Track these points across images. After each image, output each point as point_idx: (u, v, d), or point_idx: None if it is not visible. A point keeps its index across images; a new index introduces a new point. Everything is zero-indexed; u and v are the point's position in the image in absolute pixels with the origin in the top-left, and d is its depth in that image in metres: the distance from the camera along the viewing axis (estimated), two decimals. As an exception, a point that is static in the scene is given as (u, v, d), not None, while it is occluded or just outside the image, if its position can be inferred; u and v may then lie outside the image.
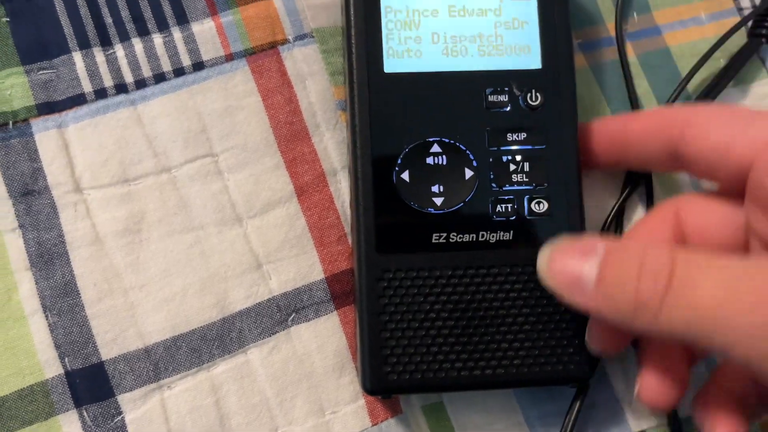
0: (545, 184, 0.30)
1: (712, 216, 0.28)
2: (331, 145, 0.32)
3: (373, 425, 0.30)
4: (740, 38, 0.35)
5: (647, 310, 0.23)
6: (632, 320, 0.23)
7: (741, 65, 0.35)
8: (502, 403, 0.31)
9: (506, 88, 0.30)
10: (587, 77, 0.34)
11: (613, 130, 0.30)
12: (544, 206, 0.29)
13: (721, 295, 0.22)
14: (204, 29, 0.32)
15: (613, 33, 0.35)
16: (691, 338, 0.22)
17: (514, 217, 0.29)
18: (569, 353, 0.29)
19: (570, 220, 0.30)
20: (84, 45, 0.32)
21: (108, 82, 0.31)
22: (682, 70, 0.35)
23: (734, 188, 0.26)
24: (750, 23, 0.35)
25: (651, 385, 0.27)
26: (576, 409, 0.30)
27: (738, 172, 0.26)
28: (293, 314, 0.31)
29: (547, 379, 0.29)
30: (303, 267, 0.31)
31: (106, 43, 0.32)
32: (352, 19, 0.30)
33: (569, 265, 0.25)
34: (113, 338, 0.30)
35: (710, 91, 0.34)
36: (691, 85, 0.34)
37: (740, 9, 0.36)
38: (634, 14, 0.35)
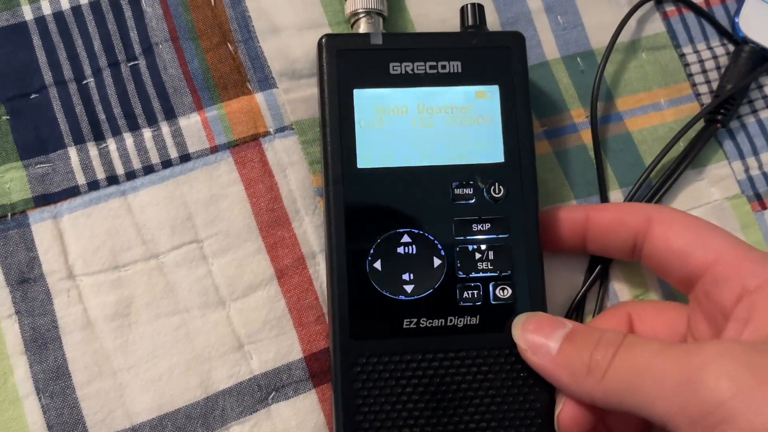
0: (509, 271, 0.31)
1: (658, 322, 0.31)
2: (310, 230, 0.34)
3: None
4: (698, 123, 0.37)
5: (596, 371, 0.27)
6: (582, 381, 0.28)
7: (699, 149, 0.37)
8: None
9: (471, 182, 0.32)
10: (551, 162, 0.36)
11: (576, 219, 0.33)
12: (509, 292, 0.31)
13: (655, 354, 0.26)
14: (190, 123, 0.35)
15: (576, 120, 0.37)
16: (629, 398, 0.26)
17: (480, 303, 0.31)
18: (533, 428, 0.31)
19: (533, 305, 0.31)
20: (79, 140, 0.34)
21: (100, 174, 0.34)
22: (644, 154, 0.37)
23: (680, 287, 0.29)
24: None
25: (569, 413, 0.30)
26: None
27: (689, 277, 0.29)
28: (273, 392, 0.33)
29: (514, 455, 0.31)
30: (283, 347, 0.33)
31: (99, 137, 0.34)
32: (327, 118, 0.32)
33: (540, 334, 0.29)
34: (102, 419, 0.31)
35: (671, 175, 0.36)
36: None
37: (698, 95, 0.38)
38: (597, 102, 0.37)
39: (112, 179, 0.34)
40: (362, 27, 0.34)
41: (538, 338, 0.29)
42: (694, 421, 0.24)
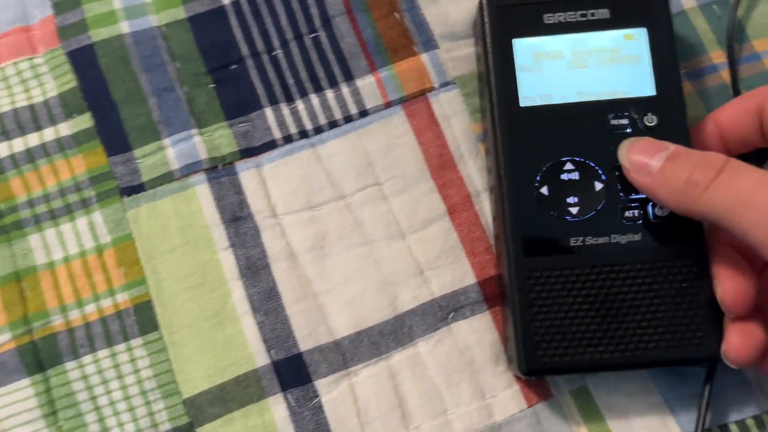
0: (666, 192, 0.34)
1: None
2: (474, 172, 0.38)
3: (528, 407, 0.35)
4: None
5: (695, 188, 0.29)
6: (680, 197, 0.30)
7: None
8: (641, 387, 0.35)
9: (626, 113, 0.35)
10: (694, 101, 0.39)
11: (709, 129, 0.35)
12: (666, 210, 0.34)
13: (757, 186, 0.28)
14: (366, 83, 0.39)
15: (715, 61, 0.40)
16: (726, 218, 0.29)
17: (640, 221, 0.34)
18: (697, 336, 0.33)
19: (689, 221, 0.34)
20: (273, 102, 0.39)
21: (293, 129, 0.39)
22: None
23: None
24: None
25: (735, 343, 0.31)
26: (708, 389, 0.34)
27: None
28: (452, 312, 0.37)
29: (678, 359, 0.33)
30: (458, 273, 0.37)
31: (289, 99, 0.39)
32: (490, 65, 0.36)
33: (643, 155, 0.32)
34: (309, 333, 0.36)
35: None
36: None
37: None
38: (735, 44, 0.40)
39: (303, 134, 0.39)
40: (516, -13, 0.38)
41: (641, 158, 0.32)
42: None
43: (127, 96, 0.39)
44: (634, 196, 0.34)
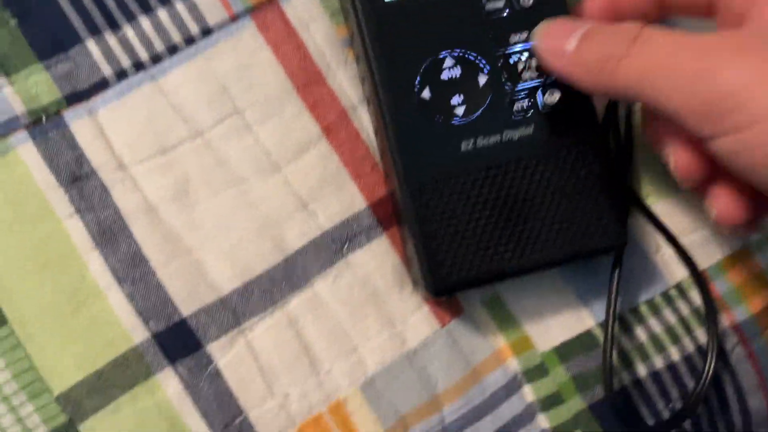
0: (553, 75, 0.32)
1: None
2: (346, 83, 0.34)
3: (441, 327, 0.33)
4: None
5: (609, 62, 0.27)
6: (597, 76, 0.27)
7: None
8: (552, 286, 0.34)
9: (501, -5, 0.32)
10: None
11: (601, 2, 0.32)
12: (557, 95, 0.32)
13: (673, 52, 0.26)
14: (203, -5, 0.34)
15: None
16: (645, 90, 0.26)
17: (531, 111, 0.32)
18: (602, 224, 0.32)
19: (581, 106, 0.32)
20: (94, 31, 0.33)
21: (125, 62, 0.33)
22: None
23: None
24: None
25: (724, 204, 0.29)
26: (617, 274, 0.33)
27: None
28: (347, 243, 0.33)
29: (586, 251, 0.32)
30: (345, 200, 0.33)
31: (114, 26, 0.33)
32: (347, -44, 0.31)
33: (557, 37, 0.29)
34: (188, 294, 0.32)
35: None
36: None
37: None
38: None
39: (138, 65, 0.33)
40: None
41: (555, 42, 0.29)
42: (704, 113, 0.25)
43: None
44: (521, 86, 0.32)
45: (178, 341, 0.31)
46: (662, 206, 0.35)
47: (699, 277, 0.34)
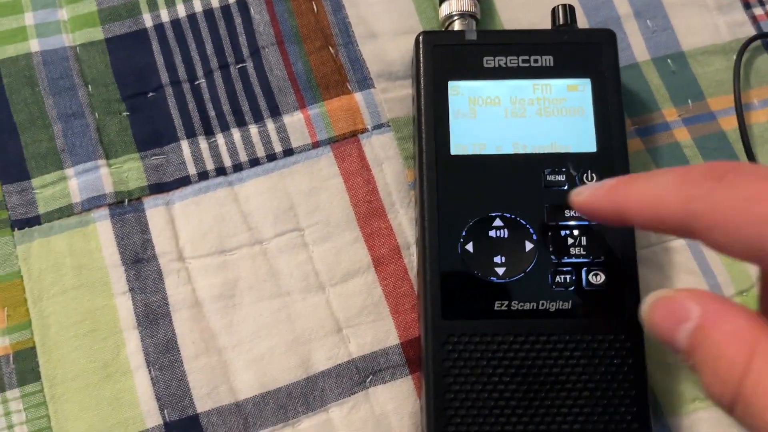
0: (602, 257, 0.32)
1: None
2: (405, 222, 0.36)
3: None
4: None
5: (725, 396, 0.22)
6: (723, 385, 0.22)
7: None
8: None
9: (563, 169, 0.33)
10: (644, 158, 0.36)
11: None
12: (601, 278, 0.32)
13: None
14: (294, 120, 0.37)
15: (668, 119, 0.37)
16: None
17: (572, 288, 0.32)
18: (626, 419, 0.30)
19: (626, 292, 0.31)
20: (190, 134, 0.36)
21: (209, 165, 0.36)
22: (738, 153, 0.37)
23: None
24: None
25: None
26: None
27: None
28: (371, 376, 0.33)
29: (605, 444, 0.30)
30: (380, 332, 0.34)
31: (209, 132, 0.36)
32: (422, 108, 0.33)
33: (665, 326, 0.24)
34: (208, 393, 0.33)
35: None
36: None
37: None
38: (689, 101, 0.38)
39: (221, 170, 0.36)
40: (456, 27, 0.36)
41: (662, 334, 0.24)
42: None
43: (30, 120, 0.36)
44: (566, 260, 0.32)
45: (186, 435, 0.32)
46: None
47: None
